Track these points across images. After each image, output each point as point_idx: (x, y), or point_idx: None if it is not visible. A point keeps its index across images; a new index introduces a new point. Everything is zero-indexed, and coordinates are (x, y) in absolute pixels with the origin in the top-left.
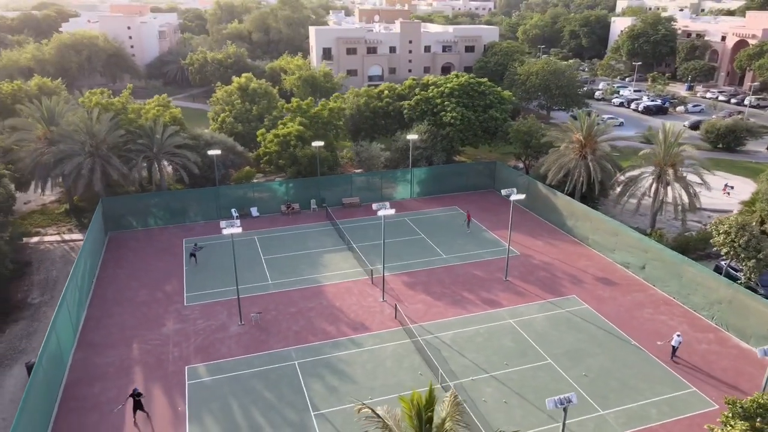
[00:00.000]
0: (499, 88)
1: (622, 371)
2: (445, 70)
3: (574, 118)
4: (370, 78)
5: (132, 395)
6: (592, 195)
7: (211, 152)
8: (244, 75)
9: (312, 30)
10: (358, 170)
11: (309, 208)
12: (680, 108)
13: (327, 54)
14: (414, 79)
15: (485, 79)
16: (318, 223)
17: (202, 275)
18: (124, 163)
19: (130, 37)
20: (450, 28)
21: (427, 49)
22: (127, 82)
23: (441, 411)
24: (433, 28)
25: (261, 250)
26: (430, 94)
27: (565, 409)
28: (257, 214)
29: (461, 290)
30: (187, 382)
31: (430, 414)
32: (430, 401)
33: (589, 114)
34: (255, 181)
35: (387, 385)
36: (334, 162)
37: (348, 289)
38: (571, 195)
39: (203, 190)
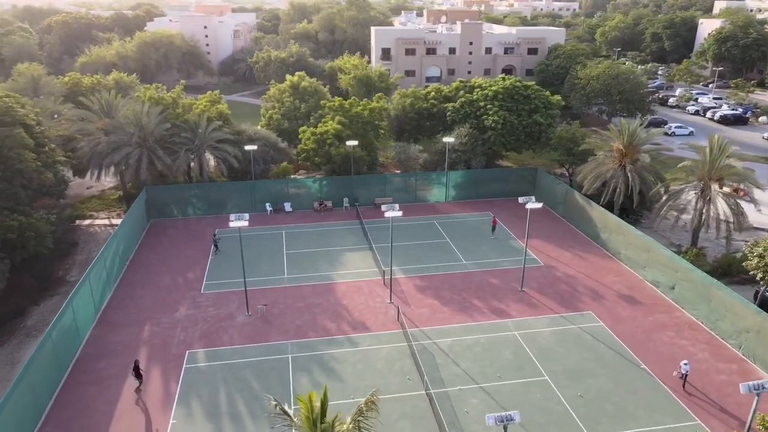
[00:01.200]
0: (547, 93)
1: (623, 396)
2: (506, 72)
3: (642, 125)
4: (428, 79)
5: (134, 368)
6: (633, 207)
7: (247, 147)
8: (297, 74)
9: (372, 30)
10: (399, 171)
11: (341, 207)
12: (763, 118)
13: (386, 54)
14: (462, 81)
15: (532, 83)
16: (346, 221)
17: (224, 265)
18: (168, 155)
19: (206, 36)
20: (513, 30)
21: (488, 50)
22: (201, 78)
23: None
24: (498, 29)
25: (285, 245)
26: (474, 97)
27: (505, 428)
28: (290, 209)
29: (472, 297)
30: (184, 366)
31: (324, 425)
32: (324, 407)
33: (654, 122)
34: (293, 177)
35: (372, 386)
36: (372, 162)
37: (359, 289)
38: (609, 207)
39: (240, 184)
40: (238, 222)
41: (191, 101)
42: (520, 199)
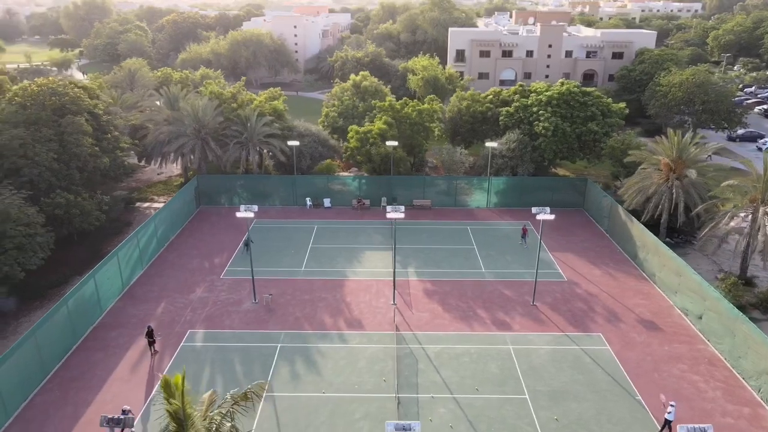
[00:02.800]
0: (607, 100)
1: (603, 426)
2: (587, 77)
3: (732, 139)
4: (502, 82)
5: (147, 332)
6: (681, 227)
7: (290, 143)
8: (361, 73)
9: (449, 31)
10: (443, 174)
11: (379, 206)
12: None
13: (460, 56)
14: (521, 85)
15: (593, 89)
16: (379, 220)
17: (253, 255)
18: (220, 147)
19: (295, 35)
20: (598, 32)
21: (569, 54)
22: (286, 75)
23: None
24: (584, 31)
25: (313, 239)
26: (529, 102)
27: None
28: (329, 205)
29: (478, 307)
30: (182, 344)
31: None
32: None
33: (748, 136)
34: (338, 174)
35: (346, 384)
36: (420, 164)
37: (368, 287)
38: (656, 225)
39: (283, 178)
40: (246, 213)
41: (251, 96)
42: (533, 210)
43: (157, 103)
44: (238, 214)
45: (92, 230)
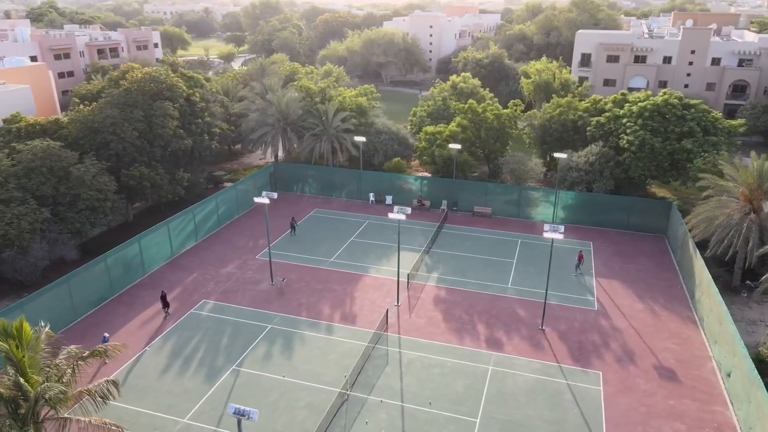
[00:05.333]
0: (716, 114)
1: None
2: (737, 89)
3: None
4: (630, 90)
5: (161, 296)
6: (750, 266)
7: (357, 139)
8: (463, 74)
9: (576, 34)
10: (532, 183)
11: (438, 208)
12: None
13: (585, 60)
14: (623, 94)
15: (698, 102)
16: (431, 222)
17: (292, 240)
18: (297, 137)
19: (430, 35)
20: (755, 37)
21: (716, 61)
22: (417, 74)
23: None
24: (744, 36)
25: (358, 233)
26: (621, 113)
27: (239, 422)
28: (390, 202)
29: (479, 321)
30: (191, 311)
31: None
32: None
33: None
34: (406, 174)
35: (308, 373)
36: (495, 170)
37: (380, 286)
38: (727, 262)
39: (350, 171)
40: (263, 199)
41: (344, 92)
42: (546, 227)
43: (256, 94)
44: (256, 199)
45: (176, 203)
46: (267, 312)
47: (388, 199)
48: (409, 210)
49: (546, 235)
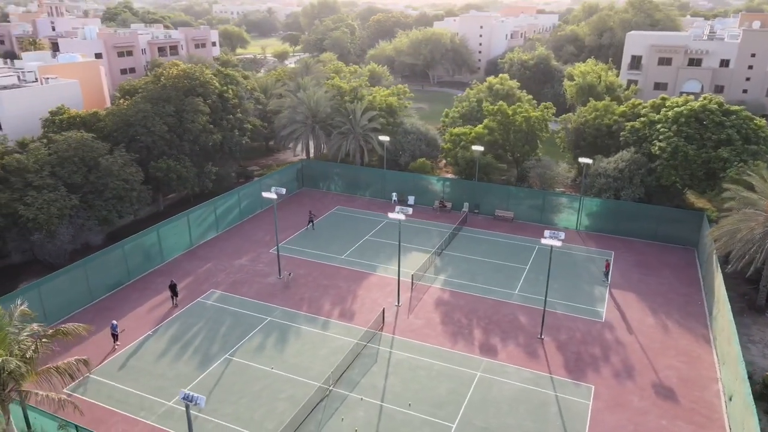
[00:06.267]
0: (759, 122)
1: None
2: None
3: None
4: (683, 95)
5: (170, 285)
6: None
7: (381, 138)
8: (501, 75)
9: (626, 35)
10: (561, 189)
11: (460, 210)
12: None
13: (636, 62)
14: (663, 98)
15: (741, 108)
16: (450, 224)
17: (308, 236)
18: (325, 135)
19: (480, 36)
20: None
21: None
22: (466, 74)
23: None
24: None
25: (373, 232)
26: (656, 117)
27: (187, 406)
28: (412, 203)
29: (477, 326)
30: (198, 299)
31: None
32: None
33: None
34: (428, 174)
35: (296, 366)
36: (522, 174)
37: (385, 285)
38: (755, 280)
39: (374, 171)
40: (270, 194)
41: (379, 91)
42: (546, 233)
43: (290, 92)
44: (264, 194)
45: (205, 195)
46: (269, 305)
47: (411, 200)
48: (410, 210)
49: (544, 241)
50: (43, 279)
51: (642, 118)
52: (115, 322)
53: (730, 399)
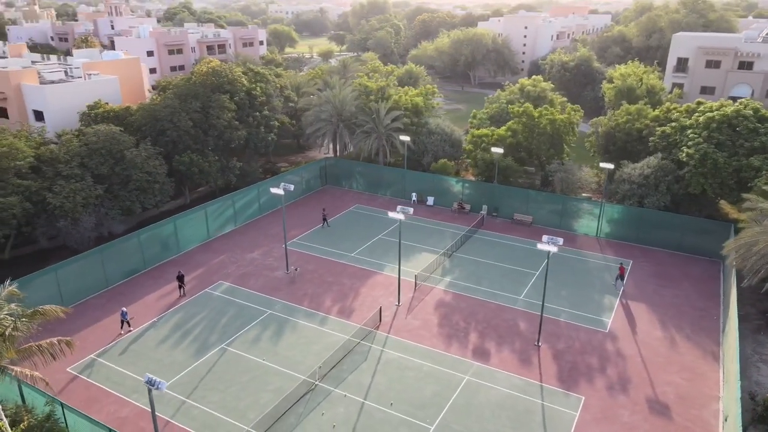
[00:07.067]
0: None
1: None
2: None
3: None
4: (732, 100)
5: (177, 276)
6: None
7: (402, 137)
8: (534, 77)
9: (672, 36)
10: (586, 194)
11: (478, 212)
12: None
13: (682, 65)
14: (699, 102)
15: None
16: (465, 227)
17: (321, 233)
18: (349, 134)
19: (524, 36)
20: None
21: None
22: (508, 75)
23: None
24: None
25: (387, 231)
26: (688, 122)
27: (150, 390)
28: (432, 203)
29: (474, 330)
30: (205, 290)
31: None
32: None
33: None
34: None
35: (288, 359)
36: (545, 178)
37: (389, 284)
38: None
39: (394, 170)
40: (277, 190)
41: (407, 90)
42: (544, 238)
43: (318, 90)
44: (272, 190)
45: (230, 190)
46: (272, 298)
47: (430, 200)
48: (410, 210)
49: (540, 246)
50: (59, 264)
51: (673, 123)
52: (125, 309)
53: (726, 420)
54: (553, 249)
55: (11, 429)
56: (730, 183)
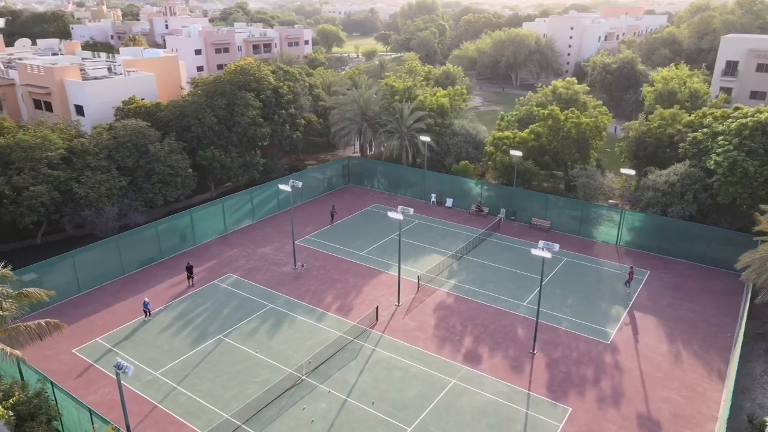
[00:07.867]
0: None
1: None
2: None
3: None
4: None
5: (187, 267)
6: None
7: (422, 138)
8: (568, 79)
9: (721, 39)
10: (613, 201)
11: (497, 215)
12: None
13: (731, 69)
14: (736, 107)
15: None
16: (481, 229)
17: (333, 231)
18: (372, 134)
19: (570, 37)
20: None
21: None
22: (551, 76)
23: None
24: None
25: (401, 231)
26: (720, 128)
27: (118, 375)
28: (451, 205)
29: (469, 334)
30: (214, 281)
31: None
32: None
33: None
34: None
35: (279, 353)
36: (568, 183)
37: (393, 284)
38: None
39: (415, 171)
40: (286, 186)
41: (437, 91)
42: (540, 243)
43: (347, 90)
44: (281, 186)
45: (254, 185)
46: (275, 292)
47: (449, 202)
48: (411, 210)
49: (534, 252)
50: (77, 250)
51: (705, 129)
52: (146, 299)
53: None
54: (548, 255)
55: (1, 403)
56: (761, 193)
